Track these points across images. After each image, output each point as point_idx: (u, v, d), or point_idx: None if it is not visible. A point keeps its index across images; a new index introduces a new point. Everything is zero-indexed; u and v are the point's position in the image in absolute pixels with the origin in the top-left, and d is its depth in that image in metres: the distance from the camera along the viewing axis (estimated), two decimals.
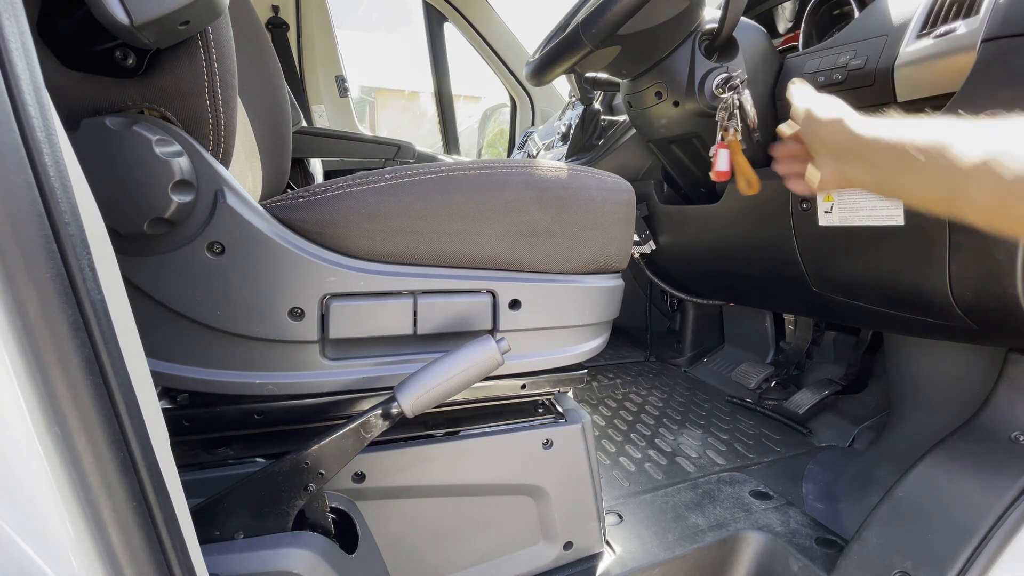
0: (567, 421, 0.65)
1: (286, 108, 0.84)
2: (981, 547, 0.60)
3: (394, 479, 0.57)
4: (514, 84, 2.38)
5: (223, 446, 0.53)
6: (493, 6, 2.27)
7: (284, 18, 2.32)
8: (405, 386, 0.47)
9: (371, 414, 0.47)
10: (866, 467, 0.93)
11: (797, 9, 1.11)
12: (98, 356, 0.25)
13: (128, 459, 0.26)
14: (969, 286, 0.68)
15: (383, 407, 0.47)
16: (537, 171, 0.55)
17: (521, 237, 0.55)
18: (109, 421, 0.26)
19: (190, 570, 0.30)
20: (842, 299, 0.90)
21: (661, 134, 1.04)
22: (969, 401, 0.84)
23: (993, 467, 0.68)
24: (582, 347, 0.63)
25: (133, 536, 0.26)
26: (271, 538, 0.46)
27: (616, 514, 0.83)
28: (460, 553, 0.63)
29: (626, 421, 1.20)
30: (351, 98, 2.49)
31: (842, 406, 1.17)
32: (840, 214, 0.78)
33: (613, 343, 1.76)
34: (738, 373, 1.41)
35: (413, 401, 0.46)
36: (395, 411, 0.46)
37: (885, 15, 0.78)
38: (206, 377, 0.47)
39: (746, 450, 1.05)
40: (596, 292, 0.61)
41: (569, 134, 1.55)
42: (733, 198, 0.98)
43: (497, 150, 3.13)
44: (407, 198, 0.51)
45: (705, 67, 0.88)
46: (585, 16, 0.79)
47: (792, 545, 0.75)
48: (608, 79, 1.25)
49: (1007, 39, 0.59)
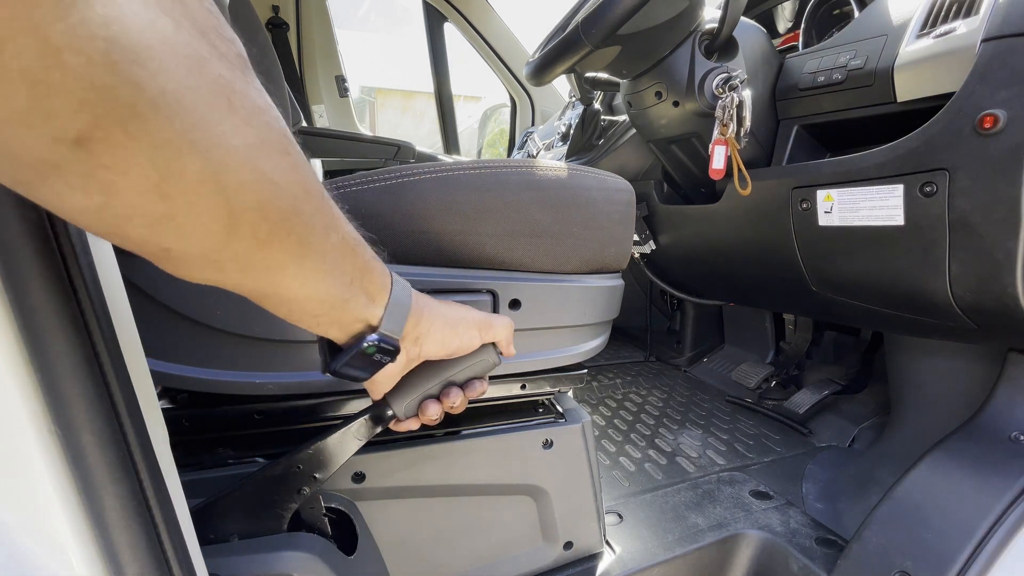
0: (567, 421, 0.65)
1: (286, 108, 0.84)
2: (981, 547, 0.60)
3: (394, 479, 0.57)
4: (514, 84, 2.38)
5: (223, 446, 0.53)
6: (493, 6, 2.27)
7: (284, 18, 2.32)
8: (396, 388, 0.45)
9: (363, 416, 0.46)
10: (866, 467, 0.93)
11: (797, 9, 1.11)
12: (98, 356, 0.25)
13: (128, 459, 0.26)
14: (969, 286, 0.68)
15: (374, 410, 0.46)
16: (537, 171, 0.55)
17: (521, 237, 0.55)
18: (109, 421, 0.26)
19: (190, 570, 0.30)
20: (842, 299, 0.90)
21: (661, 134, 1.04)
22: (969, 401, 0.84)
23: (993, 467, 0.68)
24: (582, 347, 0.63)
25: (133, 536, 0.26)
26: (270, 539, 0.46)
27: (616, 514, 0.83)
28: (460, 553, 0.63)
29: (626, 421, 1.20)
30: (351, 98, 2.49)
31: (842, 406, 1.17)
32: (840, 214, 0.78)
33: (613, 343, 1.76)
34: (738, 373, 1.41)
35: (406, 404, 0.45)
36: (388, 414, 0.45)
37: (885, 15, 0.78)
38: (206, 377, 0.47)
39: (746, 450, 1.06)
40: (596, 292, 0.61)
41: (569, 134, 1.55)
42: (733, 198, 0.98)
43: (497, 150, 3.13)
44: (407, 198, 0.51)
45: (705, 67, 0.88)
46: (585, 16, 0.79)
47: (792, 545, 0.75)
48: (608, 79, 1.25)
49: (1007, 39, 0.59)
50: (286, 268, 0.27)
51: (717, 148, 0.84)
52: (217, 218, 0.22)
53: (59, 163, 0.18)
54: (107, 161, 0.18)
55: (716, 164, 0.84)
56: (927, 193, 0.67)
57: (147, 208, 0.20)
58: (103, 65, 0.17)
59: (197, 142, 0.20)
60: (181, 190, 0.20)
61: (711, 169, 0.86)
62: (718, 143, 0.85)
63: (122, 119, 0.18)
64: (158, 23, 0.18)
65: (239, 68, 0.22)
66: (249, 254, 0.25)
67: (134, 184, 0.19)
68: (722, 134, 0.84)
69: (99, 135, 0.18)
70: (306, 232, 0.27)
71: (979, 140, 0.61)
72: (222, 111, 0.21)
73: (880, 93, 0.74)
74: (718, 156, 0.84)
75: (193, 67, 0.19)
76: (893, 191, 0.71)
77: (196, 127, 0.20)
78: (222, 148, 0.21)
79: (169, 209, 0.21)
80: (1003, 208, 0.61)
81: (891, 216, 0.72)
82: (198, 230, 0.22)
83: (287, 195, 0.25)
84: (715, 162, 0.84)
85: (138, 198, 0.20)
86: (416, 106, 11.27)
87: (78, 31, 0.16)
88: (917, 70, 0.69)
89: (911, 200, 0.69)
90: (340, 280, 0.31)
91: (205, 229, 0.22)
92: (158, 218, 0.21)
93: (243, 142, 0.22)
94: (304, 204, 0.26)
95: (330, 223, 0.29)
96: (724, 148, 0.85)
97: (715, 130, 0.85)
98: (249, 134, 0.22)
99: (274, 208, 0.24)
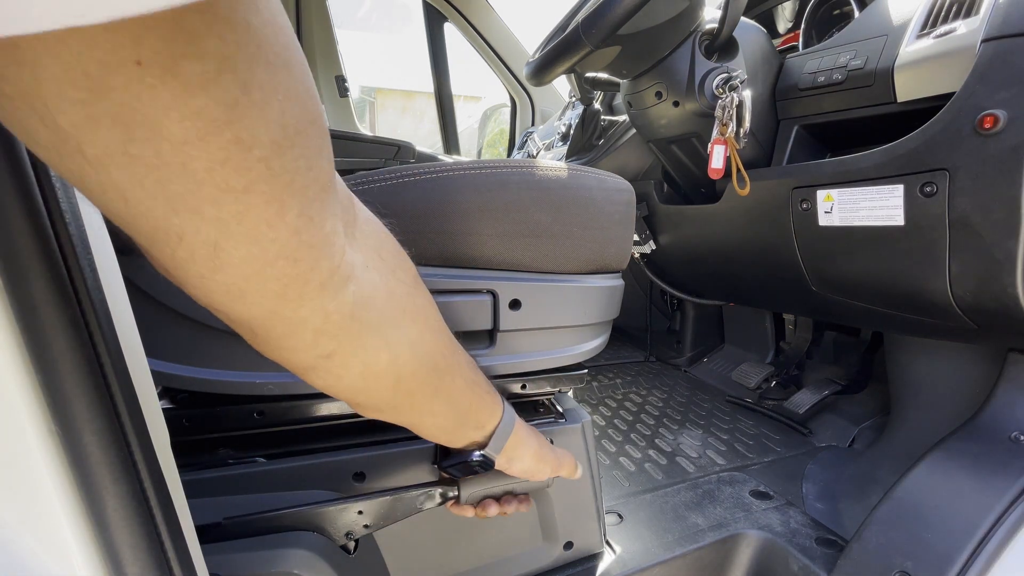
0: (567, 421, 0.65)
1: None
2: (981, 547, 0.60)
3: (394, 479, 0.57)
4: (514, 84, 2.38)
5: (223, 446, 0.53)
6: (493, 6, 2.27)
7: None
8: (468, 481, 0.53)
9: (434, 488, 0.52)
10: (866, 467, 0.93)
11: (797, 9, 1.11)
12: (98, 356, 0.25)
13: (128, 459, 0.26)
14: (969, 286, 0.68)
15: (445, 485, 0.53)
16: (537, 171, 0.55)
17: (521, 237, 0.55)
18: (109, 421, 0.26)
19: (190, 570, 0.30)
20: (842, 299, 0.90)
21: (661, 134, 1.04)
22: (969, 401, 0.84)
23: (993, 467, 0.68)
24: (582, 347, 0.63)
25: (134, 536, 0.26)
26: (271, 538, 0.46)
27: (616, 514, 0.83)
28: (460, 553, 0.63)
29: (626, 421, 1.20)
30: (351, 98, 2.49)
31: (842, 406, 1.17)
32: (840, 214, 0.78)
33: (613, 343, 1.76)
34: (738, 373, 1.41)
35: (471, 493, 0.53)
36: (452, 494, 0.52)
37: (885, 15, 0.78)
38: (206, 377, 0.47)
39: (746, 450, 1.06)
40: (596, 292, 0.61)
41: (569, 134, 1.55)
42: (733, 198, 0.98)
43: (497, 150, 3.13)
44: (407, 198, 0.51)
45: (705, 67, 0.88)
46: (585, 16, 0.79)
47: (792, 545, 0.75)
48: (608, 79, 1.25)
49: (1007, 39, 0.59)
50: (423, 408, 0.37)
51: (716, 148, 0.84)
52: (390, 385, 0.33)
53: (315, 366, 0.29)
54: (340, 364, 0.29)
55: (715, 164, 0.84)
56: (927, 193, 0.67)
57: (354, 385, 0.32)
58: (349, 316, 0.27)
59: (386, 343, 0.31)
60: (375, 373, 0.31)
61: (710, 169, 0.86)
62: (717, 143, 0.85)
63: (351, 340, 0.29)
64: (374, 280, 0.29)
65: (411, 284, 0.33)
66: (403, 403, 0.35)
67: (351, 373, 0.30)
68: (722, 134, 0.84)
69: (338, 350, 0.28)
70: (440, 382, 0.37)
71: (979, 140, 0.61)
72: (399, 318, 0.31)
73: (880, 93, 0.74)
74: (717, 156, 0.84)
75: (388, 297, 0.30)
76: (893, 191, 0.71)
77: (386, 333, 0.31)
78: (399, 343, 0.32)
79: (366, 385, 0.32)
80: (1003, 208, 0.61)
81: (891, 216, 0.72)
82: (379, 394, 0.33)
83: (430, 362, 0.35)
84: (714, 162, 0.84)
85: (351, 381, 0.31)
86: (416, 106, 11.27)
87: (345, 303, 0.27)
88: (917, 70, 0.69)
89: (911, 200, 0.69)
90: (460, 412, 0.41)
91: (382, 393, 0.33)
92: (360, 389, 0.32)
93: (410, 335, 0.32)
94: (440, 363, 0.36)
95: (456, 371, 0.39)
96: (723, 148, 0.85)
97: (715, 130, 0.85)
98: (414, 330, 0.33)
99: (421, 372, 0.34)
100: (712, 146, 0.85)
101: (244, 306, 0.24)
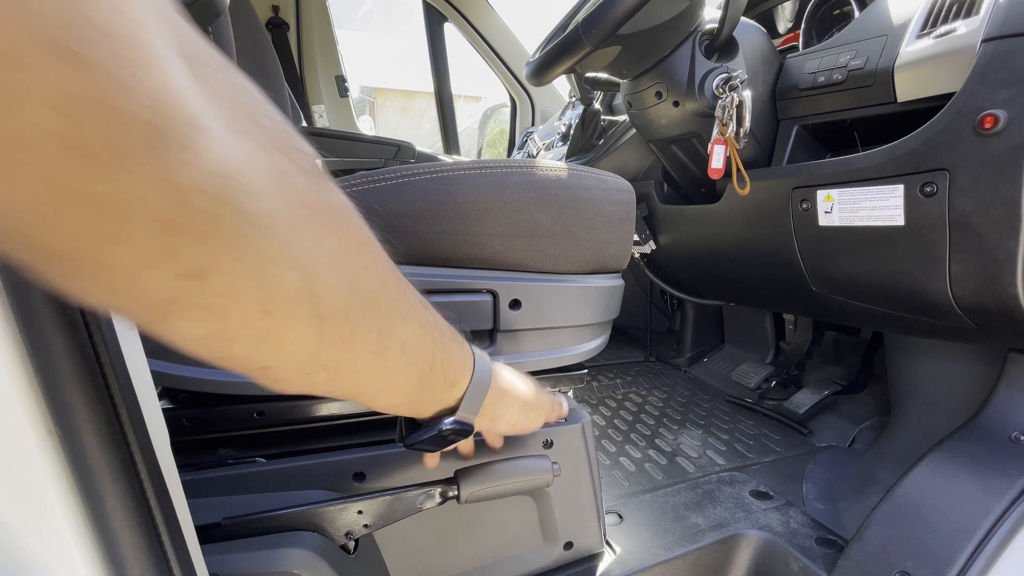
0: (567, 421, 0.65)
1: (286, 108, 0.84)
2: (981, 547, 0.60)
3: (394, 479, 0.57)
4: (514, 84, 2.38)
5: (223, 446, 0.53)
6: (493, 6, 2.27)
7: (284, 18, 2.32)
8: (469, 475, 0.51)
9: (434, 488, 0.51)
10: (866, 467, 0.93)
11: (797, 9, 1.11)
12: (98, 356, 0.25)
13: (128, 459, 0.26)
14: (969, 286, 0.68)
15: (444, 486, 0.51)
16: (537, 171, 0.55)
17: (521, 237, 0.55)
18: (109, 421, 0.26)
19: (190, 570, 0.30)
20: (842, 299, 0.90)
21: (661, 134, 1.04)
22: (969, 401, 0.84)
23: (993, 467, 0.68)
24: (582, 347, 0.63)
25: (134, 536, 0.26)
26: (271, 538, 0.46)
27: (616, 514, 0.83)
28: (460, 553, 0.62)
29: (626, 421, 1.20)
30: (351, 98, 2.49)
31: (842, 406, 1.17)
32: (840, 214, 0.78)
33: (613, 343, 1.76)
34: (738, 373, 1.41)
35: (470, 494, 0.51)
36: (451, 494, 0.51)
37: (885, 15, 0.78)
38: (206, 377, 0.47)
39: (746, 450, 1.06)
40: (596, 292, 0.61)
41: (569, 134, 1.55)
42: (733, 198, 0.98)
43: (497, 150, 3.13)
44: (407, 198, 0.51)
45: (705, 67, 0.88)
46: (585, 16, 0.79)
47: (792, 545, 0.75)
48: (608, 79, 1.25)
49: (1007, 39, 0.59)
50: (370, 366, 0.27)
51: (716, 148, 0.84)
52: (310, 327, 0.23)
53: (179, 297, 0.18)
54: (221, 289, 0.19)
55: (715, 164, 0.84)
56: (927, 193, 0.67)
57: (253, 327, 0.21)
58: (219, 200, 0.17)
59: (291, 255, 0.21)
60: (281, 305, 0.21)
61: (710, 168, 0.86)
62: (717, 143, 0.85)
63: (233, 246, 0.18)
64: (248, 149, 0.19)
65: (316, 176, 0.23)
66: (337, 359, 0.25)
67: (243, 306, 0.20)
68: (722, 134, 0.84)
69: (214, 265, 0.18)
70: (385, 326, 0.27)
71: (979, 140, 0.61)
72: (307, 221, 0.21)
73: (880, 93, 0.74)
74: (717, 156, 0.84)
75: (281, 184, 0.20)
76: (893, 191, 0.71)
77: (290, 241, 0.20)
78: (311, 257, 0.22)
79: (271, 325, 0.21)
80: (1003, 208, 0.61)
81: (891, 216, 0.72)
82: (293, 343, 0.23)
83: (366, 292, 0.25)
84: (714, 162, 0.84)
85: (246, 319, 0.20)
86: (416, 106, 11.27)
87: (201, 173, 0.16)
88: (917, 70, 0.69)
89: (911, 200, 0.69)
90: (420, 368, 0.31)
91: (299, 340, 0.23)
92: (262, 336, 0.21)
93: (328, 248, 0.23)
94: (381, 297, 0.27)
95: (407, 311, 0.29)
96: (723, 148, 0.85)
97: (715, 130, 0.85)
98: (332, 239, 0.23)
99: (356, 308, 0.25)
100: (712, 146, 0.85)
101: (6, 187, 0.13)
